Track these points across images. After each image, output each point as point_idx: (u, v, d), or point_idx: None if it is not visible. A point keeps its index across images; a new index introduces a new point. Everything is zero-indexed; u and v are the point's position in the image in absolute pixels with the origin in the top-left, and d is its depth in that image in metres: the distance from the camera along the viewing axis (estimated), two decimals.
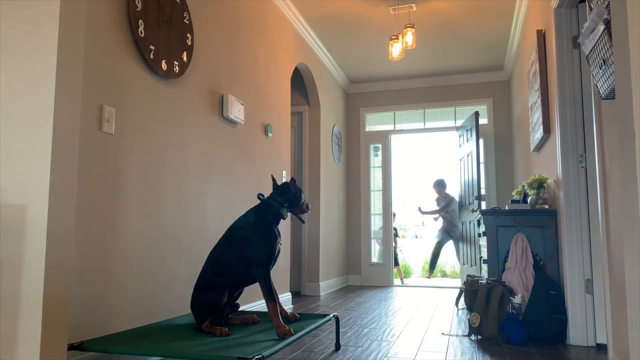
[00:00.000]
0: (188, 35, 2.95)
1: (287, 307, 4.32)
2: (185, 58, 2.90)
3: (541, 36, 3.57)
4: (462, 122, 6.12)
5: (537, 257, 3.27)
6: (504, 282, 3.23)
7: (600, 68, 2.02)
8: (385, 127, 6.90)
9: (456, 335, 3.25)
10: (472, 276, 4.20)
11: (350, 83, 6.91)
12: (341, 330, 3.38)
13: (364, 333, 3.31)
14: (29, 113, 1.61)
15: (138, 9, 2.50)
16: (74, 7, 1.70)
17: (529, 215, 3.38)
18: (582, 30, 2.15)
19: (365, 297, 5.28)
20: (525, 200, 3.67)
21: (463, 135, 6.09)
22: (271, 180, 2.64)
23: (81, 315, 2.10)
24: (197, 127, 3.09)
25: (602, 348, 2.87)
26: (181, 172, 2.90)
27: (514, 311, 3.08)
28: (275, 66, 4.38)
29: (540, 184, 3.48)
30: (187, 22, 2.95)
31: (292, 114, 5.80)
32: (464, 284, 4.23)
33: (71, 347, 1.92)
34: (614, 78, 1.71)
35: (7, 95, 1.64)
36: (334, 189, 6.26)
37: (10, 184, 1.60)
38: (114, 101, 2.34)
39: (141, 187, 2.53)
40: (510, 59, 5.82)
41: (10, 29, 1.67)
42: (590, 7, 2.18)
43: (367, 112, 6.95)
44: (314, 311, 4.25)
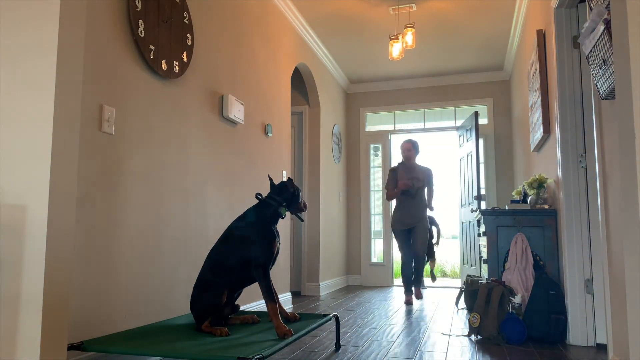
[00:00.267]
0: (188, 35, 2.95)
1: (287, 307, 4.32)
2: (185, 58, 2.90)
3: (541, 36, 3.57)
4: (462, 122, 6.12)
5: (537, 257, 3.27)
6: (504, 282, 3.23)
7: (600, 68, 2.02)
8: (385, 127, 6.90)
9: (456, 335, 3.25)
10: (472, 276, 4.20)
11: (350, 83, 6.91)
12: (341, 330, 3.38)
13: (364, 333, 3.31)
14: (29, 113, 1.61)
15: (138, 9, 2.51)
16: (74, 7, 1.70)
17: (529, 215, 3.38)
18: (582, 30, 2.15)
19: (365, 297, 5.28)
20: (525, 200, 3.67)
21: (463, 135, 6.09)
22: (270, 182, 2.63)
23: (81, 315, 2.10)
24: (197, 127, 3.09)
25: (602, 348, 2.87)
26: (181, 172, 2.90)
27: (514, 311, 3.08)
28: (275, 66, 4.38)
29: (540, 184, 3.48)
30: (187, 22, 2.95)
31: (292, 114, 5.80)
32: (464, 284, 4.23)
33: (71, 347, 1.92)
34: (614, 78, 1.71)
35: (7, 95, 1.64)
36: (334, 189, 6.26)
37: (10, 184, 1.60)
38: (114, 101, 2.34)
39: (141, 187, 2.53)
40: (510, 59, 5.82)
41: (10, 29, 1.67)
42: (590, 7, 2.18)
43: (367, 112, 6.95)
44: (314, 311, 4.25)
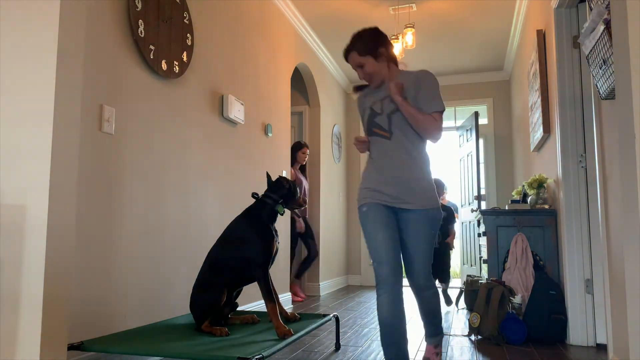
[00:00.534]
0: (188, 35, 2.94)
1: (287, 307, 4.32)
2: (185, 58, 2.90)
3: (541, 36, 3.57)
4: (462, 122, 6.12)
5: (537, 257, 3.27)
6: (504, 282, 3.23)
7: (600, 68, 2.03)
8: None
9: (456, 335, 3.25)
10: (472, 276, 4.20)
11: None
12: (341, 330, 3.38)
13: (364, 333, 3.31)
14: (29, 113, 1.61)
15: (138, 9, 2.50)
16: (74, 7, 1.70)
17: (529, 215, 3.38)
18: (582, 30, 2.15)
19: (365, 297, 5.28)
20: (525, 200, 3.67)
21: (463, 135, 6.09)
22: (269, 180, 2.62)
23: (81, 315, 2.10)
24: (197, 127, 3.09)
25: (602, 348, 2.87)
26: (181, 172, 2.90)
27: (514, 311, 3.08)
28: (275, 66, 4.38)
29: (540, 184, 3.48)
30: (187, 22, 2.95)
31: (292, 114, 5.80)
32: (464, 284, 4.23)
33: (71, 347, 1.92)
34: (614, 78, 1.71)
35: (7, 95, 1.64)
36: (334, 189, 6.26)
37: (10, 184, 1.60)
38: (114, 101, 2.34)
39: (141, 187, 2.53)
40: (510, 59, 5.82)
41: (10, 29, 1.67)
42: (590, 7, 2.18)
43: None
44: (314, 311, 4.25)
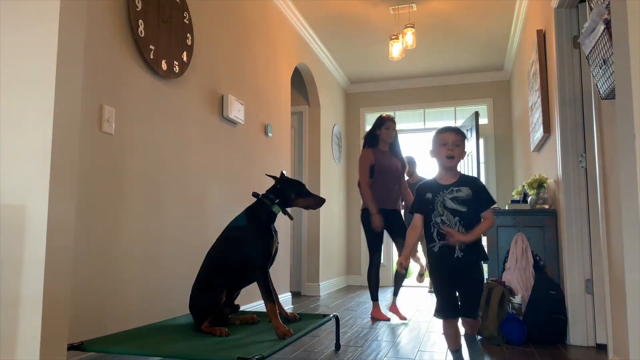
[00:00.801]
0: (188, 35, 2.94)
1: (287, 307, 4.31)
2: (185, 58, 2.90)
3: (541, 36, 3.57)
4: (462, 122, 6.12)
5: (537, 257, 3.27)
6: (504, 282, 3.23)
7: (600, 68, 2.03)
8: None
9: None
10: None
11: (350, 83, 6.91)
12: (341, 330, 3.38)
13: (364, 333, 3.31)
14: (29, 113, 1.61)
15: (138, 9, 2.50)
16: (74, 7, 1.70)
17: (529, 215, 3.38)
18: (582, 30, 2.15)
19: (365, 297, 5.28)
20: (525, 200, 3.67)
21: None
22: (271, 179, 2.61)
23: (81, 315, 2.10)
24: (197, 127, 3.09)
25: (602, 348, 2.86)
26: (181, 172, 2.90)
27: (514, 311, 3.08)
28: (275, 66, 4.38)
29: (540, 184, 3.48)
30: (187, 22, 2.94)
31: (292, 114, 5.79)
32: None
33: (71, 347, 1.92)
34: (614, 78, 1.71)
35: (7, 95, 1.64)
36: (334, 189, 6.26)
37: (10, 184, 1.60)
38: (114, 101, 2.34)
39: (141, 187, 2.53)
40: (510, 59, 5.82)
41: (10, 29, 1.66)
42: (590, 7, 2.18)
43: (367, 112, 6.95)
44: (314, 311, 4.25)
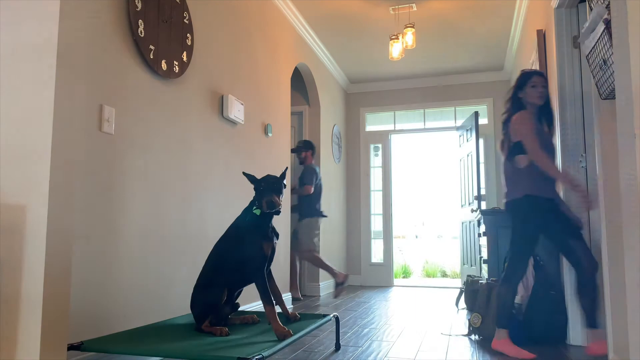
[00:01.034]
0: (188, 35, 2.94)
1: (287, 307, 4.31)
2: (185, 58, 2.90)
3: (541, 36, 3.57)
4: (462, 122, 6.12)
5: (537, 257, 3.27)
6: None
7: (600, 68, 2.03)
8: (385, 127, 6.90)
9: (456, 335, 3.25)
10: (472, 276, 4.20)
11: (350, 83, 6.91)
12: (341, 331, 3.38)
13: (364, 333, 3.31)
14: (29, 113, 1.61)
15: (138, 9, 2.50)
16: (74, 7, 1.70)
17: None
18: (582, 30, 2.15)
19: (365, 297, 5.28)
20: None
21: (463, 135, 6.08)
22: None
23: (81, 315, 2.10)
24: (197, 127, 3.09)
25: None
26: (181, 172, 2.90)
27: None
28: (275, 66, 4.38)
29: None
30: (187, 22, 2.95)
31: (292, 114, 5.80)
32: (464, 284, 4.23)
33: (71, 347, 1.92)
34: (614, 78, 1.71)
35: (7, 95, 1.64)
36: (334, 189, 6.26)
37: (10, 184, 1.60)
38: (114, 101, 2.34)
39: (141, 187, 2.53)
40: (510, 59, 5.82)
41: (10, 29, 1.66)
42: (590, 7, 2.18)
43: (367, 112, 6.95)
44: (314, 311, 4.25)
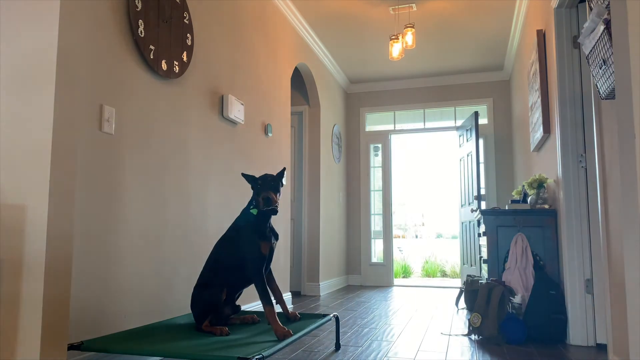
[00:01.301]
0: (188, 35, 2.94)
1: (288, 307, 4.31)
2: (185, 58, 2.90)
3: (541, 36, 3.57)
4: (462, 122, 6.12)
5: (537, 257, 3.27)
6: (504, 282, 3.23)
7: (600, 68, 2.03)
8: (385, 127, 6.90)
9: (456, 335, 3.25)
10: (472, 276, 4.20)
11: (350, 83, 6.91)
12: (341, 330, 3.38)
13: (364, 333, 3.31)
14: (29, 113, 1.61)
15: (138, 9, 2.50)
16: (74, 7, 1.70)
17: (529, 215, 3.38)
18: (582, 30, 2.15)
19: (365, 297, 5.28)
20: (525, 200, 3.67)
21: (463, 135, 6.09)
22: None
23: (81, 315, 2.10)
24: (197, 127, 3.09)
25: (602, 348, 2.87)
26: (181, 172, 2.90)
27: (514, 311, 3.08)
28: (275, 66, 4.38)
29: (540, 184, 3.48)
30: (187, 22, 2.94)
31: (292, 114, 5.80)
32: (464, 284, 4.23)
33: (71, 347, 1.92)
34: (614, 78, 1.71)
35: (7, 95, 1.64)
36: (334, 189, 6.26)
37: (10, 184, 1.60)
38: (114, 101, 2.34)
39: (141, 187, 2.53)
40: (510, 59, 5.82)
41: (10, 29, 1.67)
42: (590, 7, 2.18)
43: (367, 112, 6.95)
44: (314, 311, 4.25)
